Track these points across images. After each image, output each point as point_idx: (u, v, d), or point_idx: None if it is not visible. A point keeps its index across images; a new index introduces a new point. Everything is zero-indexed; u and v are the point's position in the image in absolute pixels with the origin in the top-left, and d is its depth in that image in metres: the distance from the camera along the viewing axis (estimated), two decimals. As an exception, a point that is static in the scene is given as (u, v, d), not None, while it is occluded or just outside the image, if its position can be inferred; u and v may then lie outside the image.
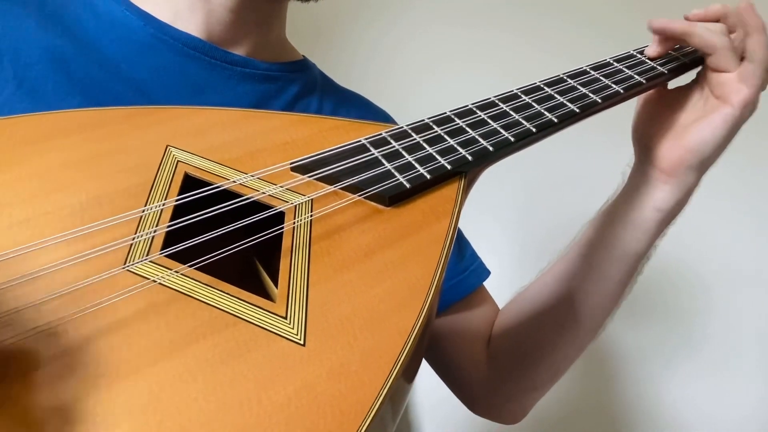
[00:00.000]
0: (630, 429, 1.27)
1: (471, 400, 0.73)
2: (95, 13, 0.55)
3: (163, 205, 0.39)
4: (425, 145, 0.47)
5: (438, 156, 0.46)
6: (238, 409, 0.30)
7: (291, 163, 0.44)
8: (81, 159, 0.41)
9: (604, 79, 0.54)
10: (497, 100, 0.51)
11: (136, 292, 0.34)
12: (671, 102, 0.58)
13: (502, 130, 0.49)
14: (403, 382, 0.37)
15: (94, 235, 0.36)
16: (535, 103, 0.51)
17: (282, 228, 0.40)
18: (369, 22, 1.46)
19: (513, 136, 0.48)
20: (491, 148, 0.47)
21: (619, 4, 1.34)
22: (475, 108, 0.51)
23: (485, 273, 0.72)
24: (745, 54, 0.53)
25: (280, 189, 0.42)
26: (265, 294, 0.36)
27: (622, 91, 0.53)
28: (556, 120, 0.50)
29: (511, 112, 0.50)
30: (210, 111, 0.47)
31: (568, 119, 0.51)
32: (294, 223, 0.40)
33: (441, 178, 0.45)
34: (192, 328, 0.33)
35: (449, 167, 0.45)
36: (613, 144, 0.77)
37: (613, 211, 0.60)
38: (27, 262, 0.33)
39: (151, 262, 0.36)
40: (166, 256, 0.36)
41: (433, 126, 0.49)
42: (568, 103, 0.52)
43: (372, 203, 0.43)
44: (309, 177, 0.43)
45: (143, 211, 0.38)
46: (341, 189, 0.43)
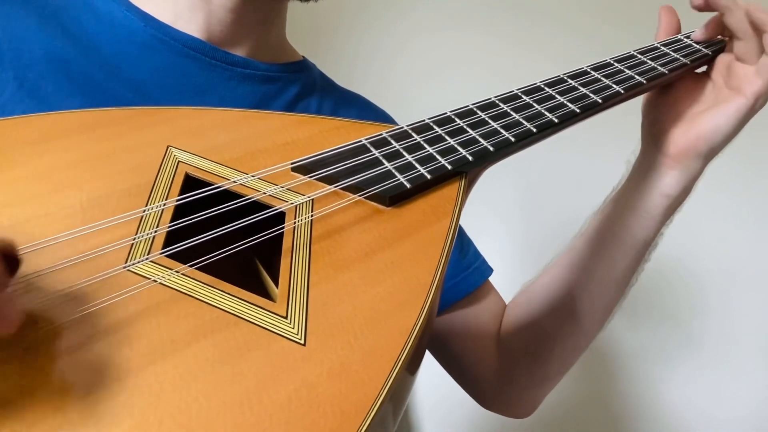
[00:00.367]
0: (630, 429, 1.27)
1: (483, 395, 0.74)
2: (96, 14, 0.56)
3: (164, 205, 0.39)
4: (426, 145, 0.47)
5: (438, 156, 0.46)
6: (239, 409, 0.30)
7: (291, 164, 0.44)
8: (82, 159, 0.41)
9: (605, 80, 0.54)
10: (498, 101, 0.52)
11: (137, 292, 0.34)
12: (683, 91, 0.59)
13: (502, 130, 0.49)
14: (404, 382, 0.37)
15: (94, 235, 0.36)
16: (535, 104, 0.51)
17: (282, 228, 0.40)
18: (369, 22, 1.46)
19: (513, 136, 0.49)
20: (492, 149, 0.47)
21: (617, 13, 1.35)
22: (475, 108, 0.51)
23: (488, 270, 0.72)
24: (765, 49, 0.54)
25: (281, 189, 0.42)
26: (265, 294, 0.36)
27: (622, 91, 0.53)
28: (556, 120, 0.50)
29: (512, 112, 0.51)
30: (210, 111, 0.48)
31: (569, 119, 0.51)
32: (294, 223, 0.40)
33: (441, 178, 0.45)
34: (193, 328, 0.33)
35: (450, 167, 0.45)
36: (614, 144, 0.77)
37: (620, 198, 0.61)
38: (27, 263, 0.33)
39: (151, 262, 0.36)
40: (167, 256, 0.36)
41: (434, 126, 0.49)
42: (568, 103, 0.52)
43: (372, 203, 0.43)
44: (309, 177, 0.43)
45: (144, 211, 0.38)
46: (342, 189, 0.43)
